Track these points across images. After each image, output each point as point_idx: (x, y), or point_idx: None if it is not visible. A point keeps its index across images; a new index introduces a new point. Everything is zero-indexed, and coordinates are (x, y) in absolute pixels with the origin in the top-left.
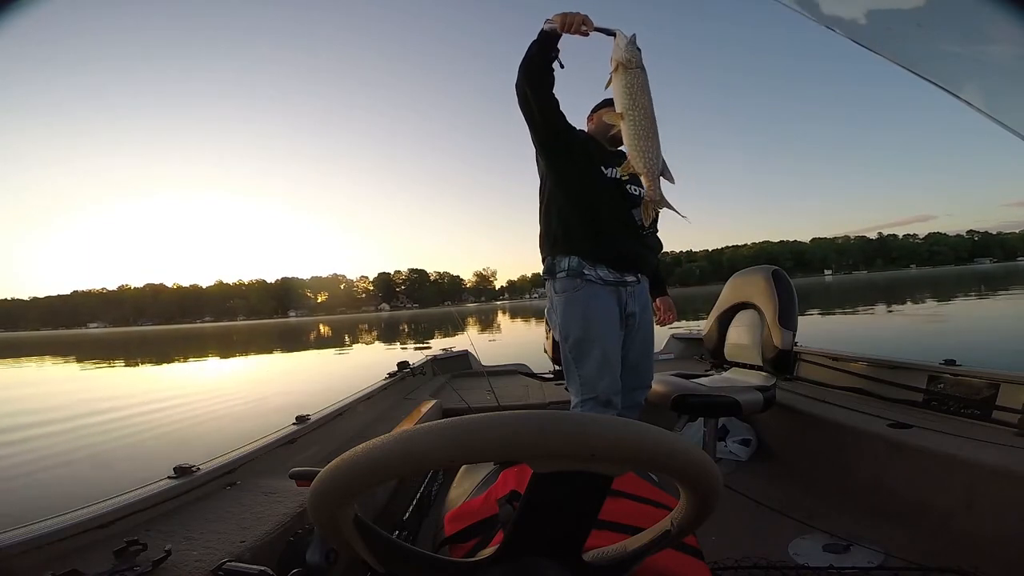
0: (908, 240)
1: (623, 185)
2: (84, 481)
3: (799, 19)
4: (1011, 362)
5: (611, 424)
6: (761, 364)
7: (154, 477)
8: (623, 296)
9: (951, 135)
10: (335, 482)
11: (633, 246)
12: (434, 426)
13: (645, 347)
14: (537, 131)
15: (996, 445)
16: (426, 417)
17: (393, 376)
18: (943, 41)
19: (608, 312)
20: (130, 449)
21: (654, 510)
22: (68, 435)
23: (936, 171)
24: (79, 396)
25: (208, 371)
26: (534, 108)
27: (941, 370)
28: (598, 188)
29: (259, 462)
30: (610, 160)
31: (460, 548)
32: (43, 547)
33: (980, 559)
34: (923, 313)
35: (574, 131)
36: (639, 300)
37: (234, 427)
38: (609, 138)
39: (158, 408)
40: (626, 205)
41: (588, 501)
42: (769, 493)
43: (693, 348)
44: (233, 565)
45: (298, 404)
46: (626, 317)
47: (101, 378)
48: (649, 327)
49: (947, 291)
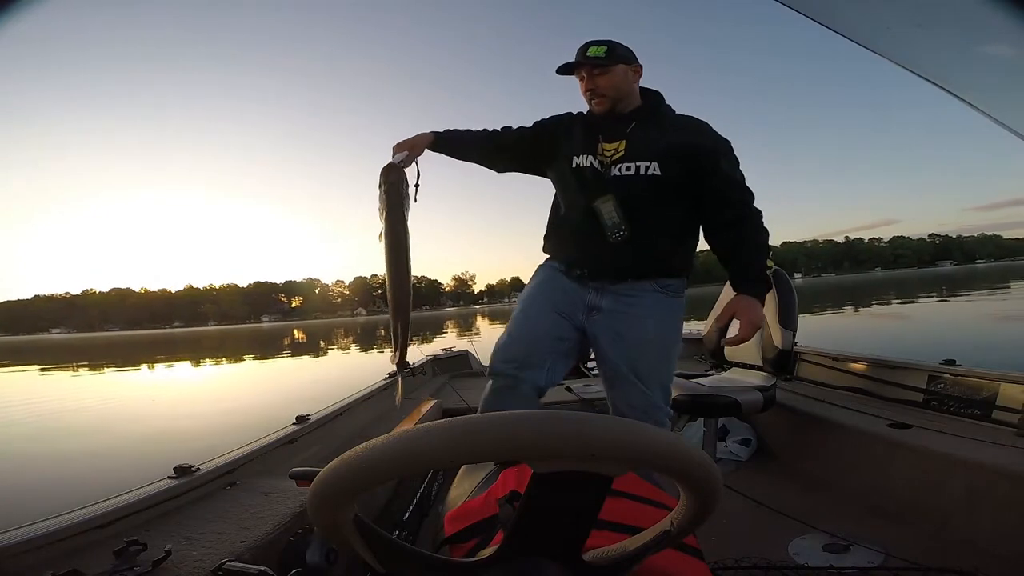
0: (874, 244)
1: (585, 172)
2: (84, 481)
3: (758, 18)
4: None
5: (611, 424)
6: (761, 364)
7: (154, 477)
8: (586, 290)
9: (917, 140)
10: (335, 482)
11: (586, 249)
12: (434, 426)
13: (634, 355)
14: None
15: (996, 445)
16: (426, 417)
17: (393, 376)
18: (943, 41)
19: (553, 288)
20: (130, 449)
21: (654, 510)
22: (68, 434)
23: (901, 175)
24: (58, 402)
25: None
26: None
27: (941, 370)
28: (562, 185)
29: (259, 462)
30: (591, 144)
31: (460, 548)
32: (43, 547)
33: (980, 559)
34: (890, 313)
35: (549, 138)
36: (619, 299)
37: (234, 427)
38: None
39: (153, 409)
40: (584, 199)
41: (588, 501)
42: (769, 493)
43: (693, 348)
44: (233, 565)
45: (298, 404)
46: (589, 309)
47: (88, 382)
48: (639, 330)
49: (910, 291)
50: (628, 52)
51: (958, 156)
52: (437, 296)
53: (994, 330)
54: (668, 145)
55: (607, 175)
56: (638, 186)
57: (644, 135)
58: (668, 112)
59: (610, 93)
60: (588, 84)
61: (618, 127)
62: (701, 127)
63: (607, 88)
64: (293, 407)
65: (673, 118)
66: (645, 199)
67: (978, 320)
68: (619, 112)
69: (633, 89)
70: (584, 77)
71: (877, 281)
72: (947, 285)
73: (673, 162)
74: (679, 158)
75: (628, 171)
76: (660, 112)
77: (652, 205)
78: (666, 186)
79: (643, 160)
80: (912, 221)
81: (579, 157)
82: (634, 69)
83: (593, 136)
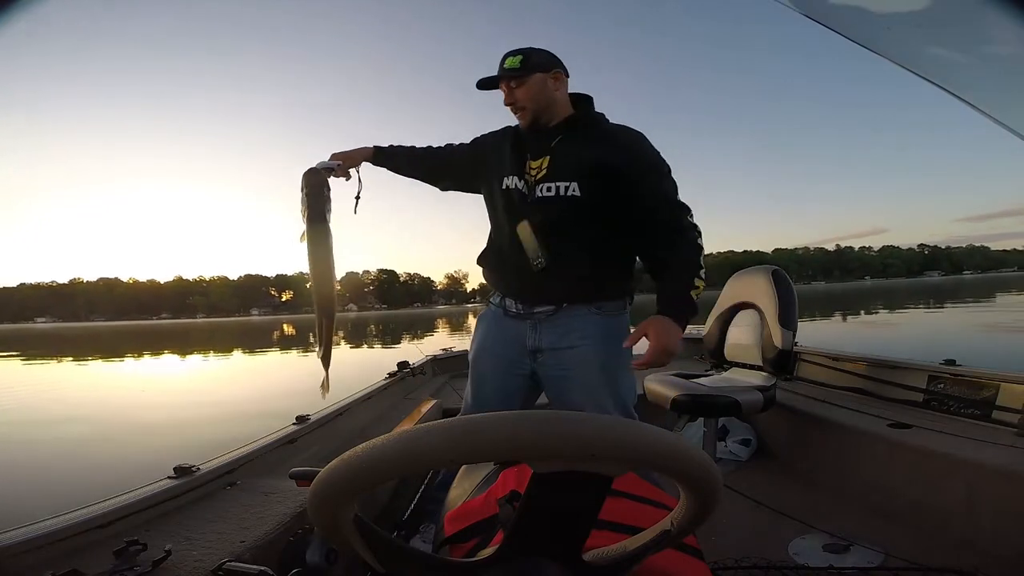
0: (864, 252)
1: (512, 194)
2: (84, 481)
3: (757, 17)
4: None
5: (611, 424)
6: (761, 364)
7: (154, 477)
8: (524, 329)
9: (908, 149)
10: (335, 482)
11: (515, 277)
12: (434, 426)
13: (587, 389)
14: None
15: (996, 445)
16: (426, 417)
17: (393, 376)
18: (943, 41)
19: (495, 340)
20: (130, 449)
21: (654, 510)
22: (67, 433)
23: (893, 184)
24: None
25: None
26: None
27: (941, 370)
28: (492, 207)
29: (259, 462)
30: (519, 163)
31: (460, 548)
32: (43, 547)
33: (980, 559)
34: (877, 322)
35: (483, 156)
36: (556, 332)
37: (234, 427)
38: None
39: (154, 407)
40: (509, 224)
41: (588, 501)
42: (769, 493)
43: (693, 348)
44: (233, 565)
45: (291, 400)
46: (532, 353)
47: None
48: (583, 362)
49: (899, 301)
50: (546, 59)
51: (948, 166)
52: (429, 294)
53: (984, 339)
54: (591, 162)
55: (532, 196)
56: (559, 208)
57: (568, 151)
58: (599, 122)
59: (529, 105)
60: (507, 97)
61: (543, 142)
62: (629, 141)
63: (525, 100)
64: (282, 401)
65: (603, 129)
66: (567, 221)
67: (966, 329)
68: (544, 125)
69: (555, 98)
70: (504, 90)
71: (865, 290)
72: (934, 296)
73: (595, 181)
74: (602, 176)
75: (549, 192)
76: (589, 122)
77: (575, 227)
78: (587, 208)
79: (563, 180)
80: (902, 230)
81: (508, 178)
82: (554, 76)
83: (522, 154)
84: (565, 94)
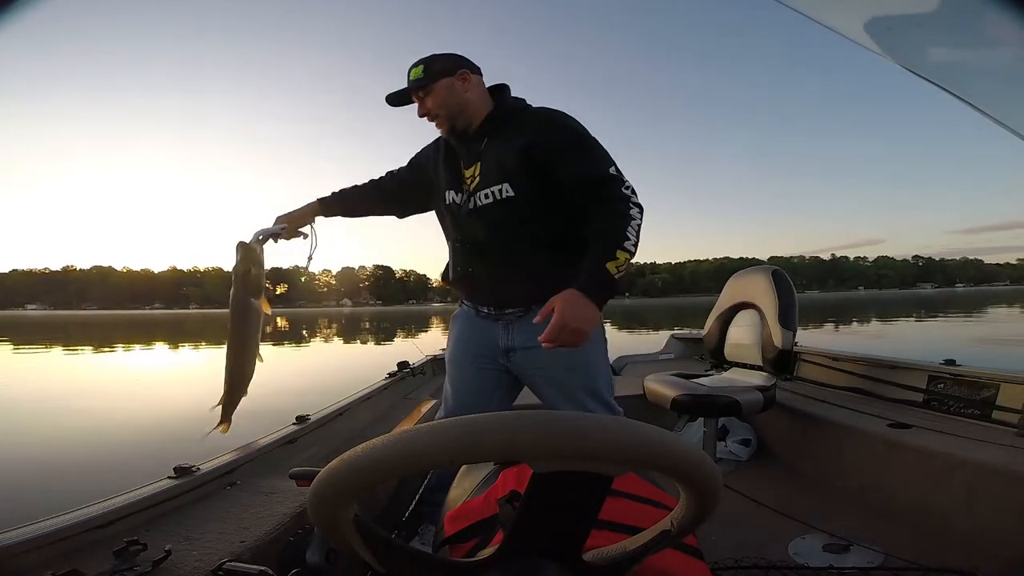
0: (858, 262)
1: (454, 209)
2: (84, 481)
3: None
4: None
5: (611, 424)
6: (761, 364)
7: (154, 477)
8: (496, 329)
9: (904, 159)
10: (335, 482)
11: (472, 288)
12: (434, 426)
13: (562, 385)
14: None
15: (996, 445)
16: (426, 417)
17: (393, 376)
18: (943, 41)
19: (468, 340)
20: (130, 449)
21: (654, 510)
22: (66, 433)
23: (889, 195)
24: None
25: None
26: None
27: (941, 370)
28: (441, 222)
29: (259, 462)
30: (455, 175)
31: (460, 548)
32: (43, 547)
33: (980, 559)
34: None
35: (423, 175)
36: (527, 331)
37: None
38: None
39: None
40: (460, 237)
41: (588, 501)
42: (769, 493)
43: (693, 348)
44: (233, 565)
45: (298, 404)
46: (505, 352)
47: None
48: (554, 361)
49: (892, 312)
50: (448, 62)
51: (945, 178)
52: (425, 291)
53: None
54: (515, 157)
55: (473, 206)
56: (499, 214)
57: (494, 151)
58: (519, 110)
59: (442, 112)
60: (420, 109)
61: (472, 147)
62: (544, 122)
63: (436, 108)
64: (282, 401)
65: (522, 118)
66: (510, 224)
67: (956, 342)
68: (466, 129)
69: (467, 100)
70: (417, 102)
71: (859, 300)
72: (926, 307)
73: (524, 175)
74: (528, 168)
75: (487, 200)
76: (508, 113)
77: (520, 227)
78: (525, 205)
79: (495, 184)
80: (897, 241)
81: (448, 193)
82: (461, 77)
83: (455, 165)
84: (480, 93)
